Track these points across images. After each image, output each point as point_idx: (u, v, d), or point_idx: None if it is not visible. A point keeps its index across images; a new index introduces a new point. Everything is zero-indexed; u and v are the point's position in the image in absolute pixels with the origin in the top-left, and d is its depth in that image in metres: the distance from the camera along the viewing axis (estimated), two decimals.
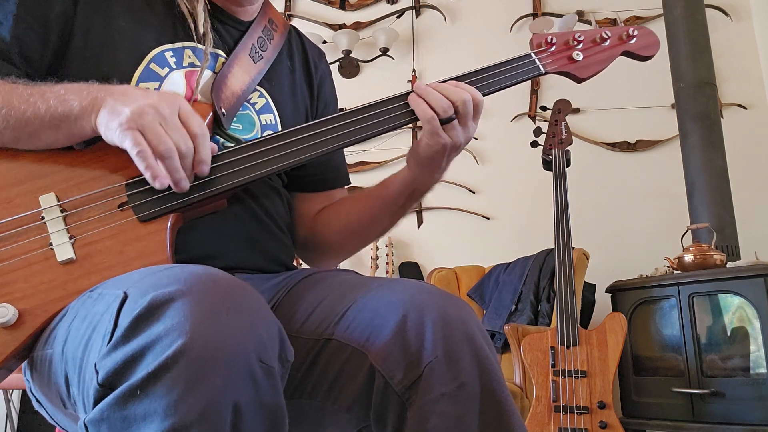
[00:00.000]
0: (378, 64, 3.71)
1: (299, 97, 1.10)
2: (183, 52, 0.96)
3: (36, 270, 0.76)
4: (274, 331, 0.63)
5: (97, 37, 0.92)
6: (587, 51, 1.04)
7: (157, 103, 0.77)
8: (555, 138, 2.58)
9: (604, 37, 1.05)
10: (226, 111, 0.94)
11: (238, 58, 1.00)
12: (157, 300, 0.58)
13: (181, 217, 0.84)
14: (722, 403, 2.32)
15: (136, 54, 0.92)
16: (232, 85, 0.96)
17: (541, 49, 1.03)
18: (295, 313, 0.87)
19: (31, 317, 0.74)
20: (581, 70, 1.03)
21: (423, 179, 0.99)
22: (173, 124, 0.77)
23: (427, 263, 3.43)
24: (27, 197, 0.80)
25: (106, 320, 0.61)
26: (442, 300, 0.78)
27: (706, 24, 3.08)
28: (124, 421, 0.56)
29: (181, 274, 0.62)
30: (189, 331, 0.56)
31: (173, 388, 0.54)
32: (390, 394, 0.73)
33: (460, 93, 0.91)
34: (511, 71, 0.99)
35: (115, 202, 0.81)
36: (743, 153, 3.21)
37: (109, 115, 0.77)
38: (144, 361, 0.56)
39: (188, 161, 0.79)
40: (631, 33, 1.06)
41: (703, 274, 2.49)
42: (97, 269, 0.77)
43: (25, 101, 0.81)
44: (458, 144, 0.93)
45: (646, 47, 1.08)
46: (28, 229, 0.78)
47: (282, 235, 1.04)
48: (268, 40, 1.06)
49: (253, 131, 0.99)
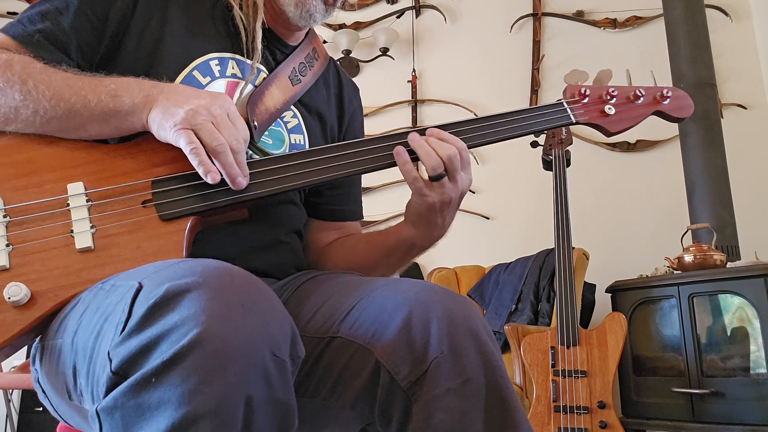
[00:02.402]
0: (378, 64, 3.72)
1: (328, 124, 1.13)
2: (228, 63, 0.99)
3: (54, 254, 0.78)
4: (287, 328, 0.63)
5: (150, 39, 0.94)
6: (620, 107, 1.04)
7: (209, 104, 0.81)
8: (555, 138, 2.59)
9: (638, 95, 1.05)
10: (258, 125, 0.97)
11: (278, 78, 1.03)
12: (173, 290, 0.59)
13: (201, 222, 0.85)
14: (722, 403, 2.32)
15: (182, 59, 0.95)
16: (267, 102, 0.99)
17: (574, 100, 1.04)
18: (300, 313, 0.87)
19: (42, 299, 0.76)
20: (612, 124, 1.04)
21: (420, 237, 1.00)
22: (225, 122, 0.81)
23: (427, 263, 3.43)
24: (56, 184, 0.82)
25: (120, 310, 0.62)
26: (447, 298, 0.79)
27: (706, 24, 3.08)
28: (137, 409, 0.56)
29: (196, 266, 0.62)
30: (204, 322, 0.56)
31: (188, 378, 0.54)
32: (395, 390, 0.74)
33: (445, 148, 0.90)
34: (541, 117, 1.01)
35: (139, 198, 0.83)
36: (743, 153, 3.21)
37: (162, 115, 0.81)
38: (158, 349, 0.56)
39: (241, 157, 0.82)
40: (665, 94, 1.06)
41: (703, 274, 2.49)
42: (112, 261, 0.78)
43: (76, 93, 0.83)
44: (449, 200, 0.92)
45: (679, 109, 1.08)
46: (53, 214, 0.80)
47: (295, 244, 1.06)
48: (309, 66, 1.09)
49: (282, 148, 1.02)
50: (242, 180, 0.82)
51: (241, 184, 0.82)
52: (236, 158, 0.81)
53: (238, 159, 0.81)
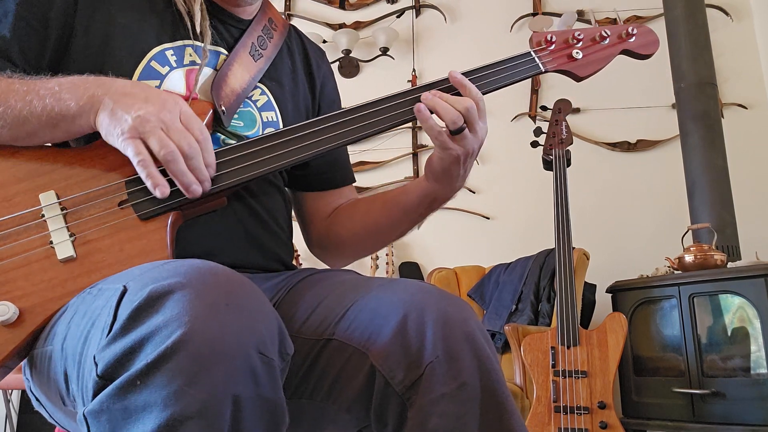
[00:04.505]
0: (378, 63, 3.71)
1: (300, 95, 1.10)
2: (184, 50, 0.96)
3: (36, 268, 0.76)
4: (274, 325, 0.63)
5: (98, 35, 0.92)
6: (587, 49, 1.04)
7: (159, 109, 0.77)
8: (555, 138, 2.58)
9: (604, 35, 1.05)
10: (226, 108, 0.94)
11: (238, 56, 1.00)
12: (157, 292, 0.58)
13: (182, 215, 0.84)
14: (723, 404, 2.32)
15: (136, 52, 0.92)
16: (231, 83, 0.96)
17: (541, 48, 1.03)
18: (295, 313, 0.87)
19: (31, 315, 0.74)
20: (581, 68, 1.03)
21: (442, 190, 0.99)
22: (175, 128, 0.78)
23: (427, 263, 3.43)
24: (27, 195, 0.80)
25: (105, 314, 0.61)
26: (443, 300, 0.78)
27: (706, 24, 3.07)
28: (123, 412, 0.55)
29: (180, 267, 0.62)
30: (188, 322, 0.56)
31: (173, 379, 0.54)
32: (390, 394, 0.73)
33: (462, 101, 0.90)
34: (510, 69, 0.99)
35: (115, 200, 0.81)
36: (744, 153, 3.20)
37: (110, 120, 0.78)
38: (143, 351, 0.56)
39: (196, 162, 0.79)
40: (631, 31, 1.06)
41: (704, 274, 2.49)
42: (97, 267, 0.77)
43: (21, 99, 0.80)
44: (471, 151, 0.93)
45: (645, 45, 1.07)
46: (28, 227, 0.78)
47: (281, 233, 1.04)
48: (268, 38, 1.06)
49: (255, 128, 0.99)
50: (196, 187, 0.79)
51: (196, 192, 0.79)
52: (190, 164, 0.78)
53: (191, 164, 0.78)
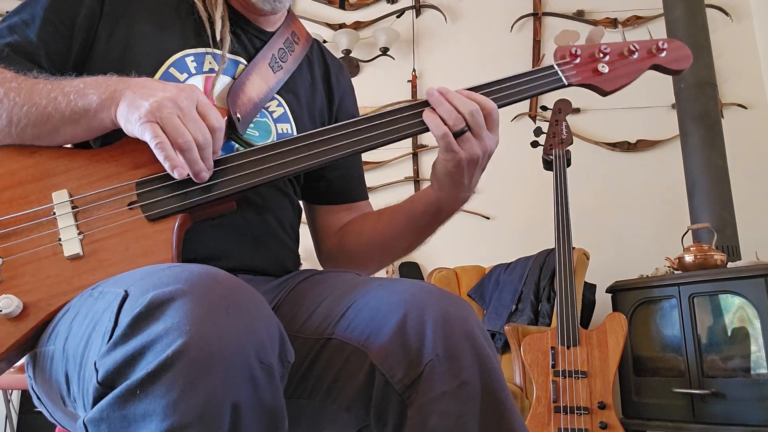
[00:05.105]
0: (378, 63, 3.71)
1: (317, 108, 1.11)
2: (204, 58, 0.97)
3: (44, 264, 0.78)
4: (275, 331, 0.63)
5: (120, 41, 0.94)
6: (613, 64, 1.00)
7: (176, 95, 0.78)
8: (555, 138, 2.58)
9: (632, 49, 1.01)
10: (241, 117, 0.95)
11: (258, 67, 1.00)
12: (158, 299, 0.58)
13: (190, 218, 0.85)
14: (723, 404, 2.32)
15: (156, 58, 0.94)
16: (249, 92, 0.97)
17: (565, 61, 1.00)
18: (296, 313, 0.87)
19: (35, 310, 0.76)
20: (607, 83, 0.99)
21: (447, 198, 0.98)
22: (191, 116, 0.79)
23: (427, 263, 3.43)
24: (41, 193, 0.82)
25: (107, 319, 0.61)
26: (443, 299, 0.78)
27: (706, 24, 3.07)
28: (123, 421, 0.55)
29: (181, 273, 0.62)
30: (189, 330, 0.56)
31: (173, 388, 0.54)
32: (390, 393, 0.73)
33: (467, 104, 0.89)
34: (532, 82, 0.97)
35: (125, 200, 0.82)
36: (743, 153, 3.21)
37: (128, 108, 0.79)
38: (143, 360, 0.56)
39: (207, 152, 0.80)
40: (661, 46, 1.01)
41: (704, 274, 2.49)
42: (101, 266, 0.78)
43: (46, 96, 0.82)
44: (474, 157, 0.91)
45: (677, 60, 1.02)
46: (39, 224, 0.80)
47: (288, 240, 1.04)
48: (289, 51, 1.07)
49: (269, 139, 0.99)
50: (205, 174, 0.81)
51: (204, 177, 0.81)
52: (202, 154, 0.79)
53: (203, 155, 0.80)
